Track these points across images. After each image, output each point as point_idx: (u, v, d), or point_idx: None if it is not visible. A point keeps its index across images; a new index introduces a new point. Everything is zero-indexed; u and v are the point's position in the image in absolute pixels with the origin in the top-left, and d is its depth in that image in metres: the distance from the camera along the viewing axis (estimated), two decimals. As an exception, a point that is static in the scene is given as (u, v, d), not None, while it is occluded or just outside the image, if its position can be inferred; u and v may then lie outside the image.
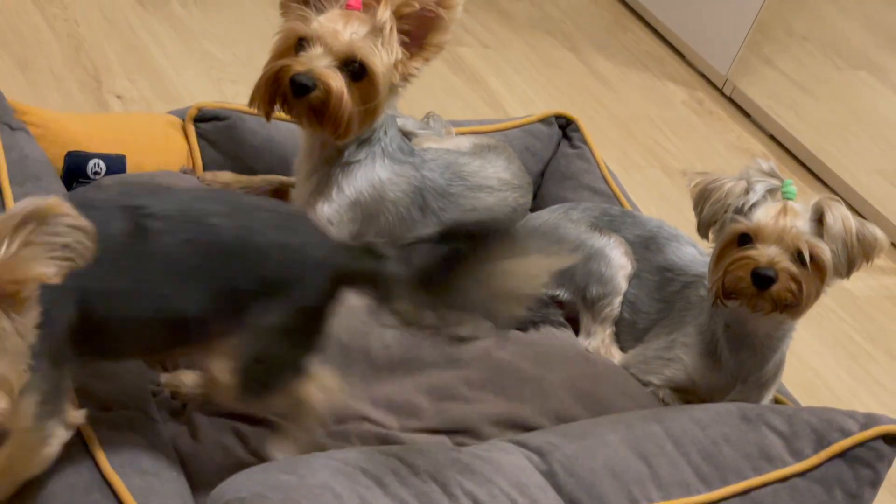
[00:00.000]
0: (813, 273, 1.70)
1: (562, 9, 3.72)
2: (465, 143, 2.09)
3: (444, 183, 1.92)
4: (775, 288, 1.69)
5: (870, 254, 1.72)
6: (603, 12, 3.79)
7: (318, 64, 1.71)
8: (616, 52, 3.59)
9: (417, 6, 1.72)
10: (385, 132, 1.85)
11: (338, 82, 1.71)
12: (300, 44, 1.74)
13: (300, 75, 1.70)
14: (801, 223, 1.70)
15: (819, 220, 1.70)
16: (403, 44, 1.76)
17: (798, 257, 1.70)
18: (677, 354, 1.84)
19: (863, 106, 3.57)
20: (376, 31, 1.73)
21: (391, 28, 1.73)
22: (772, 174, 1.75)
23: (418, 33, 1.77)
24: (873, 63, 3.56)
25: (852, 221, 1.70)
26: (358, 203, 1.85)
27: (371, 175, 1.84)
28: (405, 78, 1.79)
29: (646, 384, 1.86)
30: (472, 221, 1.78)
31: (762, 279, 1.68)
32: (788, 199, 1.72)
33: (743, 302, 1.73)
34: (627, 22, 3.78)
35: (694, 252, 1.94)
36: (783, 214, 1.70)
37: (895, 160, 3.33)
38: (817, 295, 1.72)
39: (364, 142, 1.83)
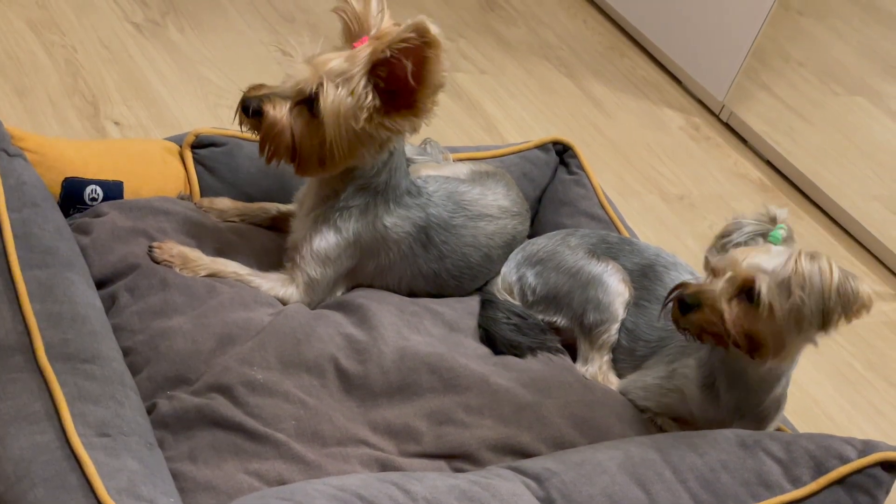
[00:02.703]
0: (766, 313, 1.66)
1: (559, 35, 3.73)
2: (462, 169, 2.09)
3: (447, 216, 1.92)
4: (695, 316, 1.69)
5: (848, 309, 1.64)
6: (600, 38, 3.80)
7: (273, 91, 1.73)
8: (613, 78, 3.60)
9: (388, 53, 1.69)
10: (388, 181, 1.84)
11: (275, 111, 1.73)
12: None
13: (248, 98, 1.75)
14: (763, 260, 1.66)
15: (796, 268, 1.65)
16: (388, 94, 1.73)
17: (747, 295, 1.66)
18: (677, 385, 1.84)
19: (860, 132, 3.58)
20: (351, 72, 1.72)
21: (361, 70, 1.71)
22: (772, 220, 1.74)
23: (404, 87, 1.72)
24: (870, 89, 3.57)
25: (836, 274, 1.63)
26: (357, 244, 1.85)
27: (373, 221, 1.85)
28: (388, 129, 1.75)
29: (643, 410, 1.85)
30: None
31: (684, 304, 1.69)
32: (771, 242, 1.71)
33: (693, 333, 1.73)
34: (624, 48, 3.79)
35: (693, 281, 1.94)
36: (747, 252, 1.68)
37: (892, 186, 3.33)
38: (776, 337, 1.68)
39: (362, 188, 1.83)
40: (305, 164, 1.78)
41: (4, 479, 1.39)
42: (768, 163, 3.43)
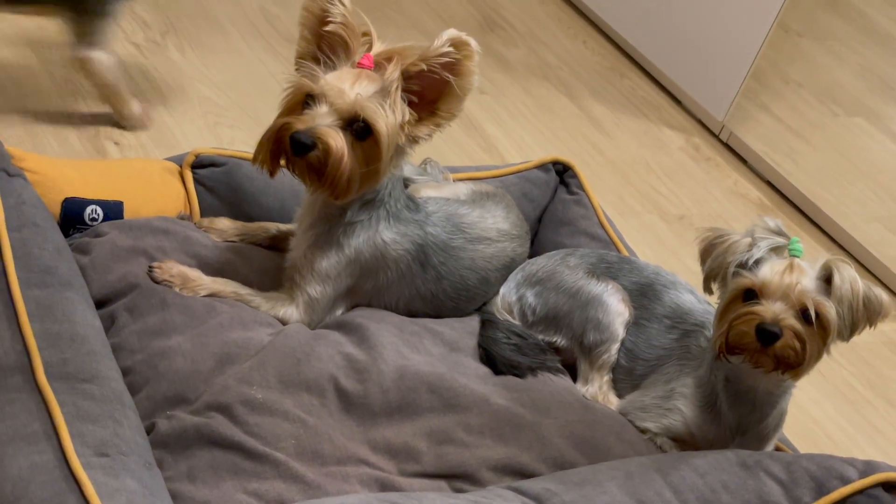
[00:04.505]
0: (817, 332, 1.68)
1: (558, 55, 3.73)
2: (462, 189, 2.09)
3: (446, 237, 1.92)
4: (779, 344, 1.66)
5: (874, 318, 1.69)
6: (599, 59, 3.80)
7: (321, 122, 1.69)
8: (613, 98, 3.61)
9: (424, 67, 1.71)
10: (390, 193, 1.84)
11: (338, 142, 1.69)
12: (307, 101, 1.73)
13: (300, 133, 1.68)
14: (806, 281, 1.67)
15: (826, 279, 1.68)
16: (412, 104, 1.74)
17: (803, 315, 1.67)
18: (676, 405, 1.83)
19: (859, 152, 3.58)
20: (384, 90, 1.71)
21: (397, 87, 1.72)
22: (778, 232, 1.74)
23: (429, 97, 1.75)
24: (869, 110, 3.57)
25: (860, 284, 1.67)
26: (357, 261, 1.85)
27: (373, 236, 1.84)
28: (413, 140, 1.77)
29: (643, 431, 1.85)
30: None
31: (766, 335, 1.66)
32: (795, 256, 1.71)
33: (746, 358, 1.71)
34: (624, 68, 3.80)
35: (692, 299, 1.94)
36: (789, 271, 1.68)
37: (892, 206, 3.33)
38: (819, 356, 1.70)
39: (368, 203, 1.83)
40: (351, 188, 1.75)
41: (3, 500, 1.38)
42: (768, 183, 3.43)
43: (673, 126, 3.58)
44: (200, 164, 2.06)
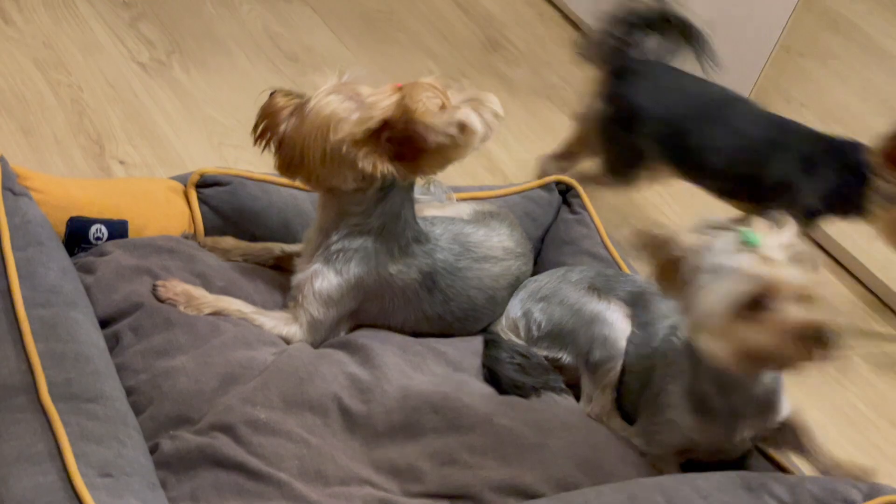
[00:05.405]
0: None
1: (561, 75, 3.74)
2: (465, 209, 2.09)
3: (453, 260, 1.92)
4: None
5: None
6: (602, 79, 3.81)
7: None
8: (615, 118, 3.61)
9: (421, 129, 1.70)
10: (386, 224, 1.84)
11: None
12: None
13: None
14: (795, 271, 1.60)
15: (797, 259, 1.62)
16: (394, 141, 1.74)
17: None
18: (667, 418, 1.82)
19: (862, 173, 3.58)
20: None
21: (378, 114, 1.72)
22: (728, 227, 1.70)
23: (417, 146, 1.73)
24: (872, 130, 3.57)
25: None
26: (360, 286, 1.86)
27: (376, 267, 1.85)
28: (375, 168, 1.75)
29: (644, 454, 1.84)
30: None
31: (821, 339, 1.57)
32: (754, 245, 1.62)
33: (778, 364, 1.66)
34: (627, 89, 3.80)
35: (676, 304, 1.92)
36: (778, 265, 1.60)
37: (894, 226, 3.33)
38: None
39: (357, 228, 1.84)
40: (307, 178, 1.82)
41: (7, 520, 1.39)
42: (771, 203, 3.43)
43: (676, 146, 3.58)
44: (205, 184, 2.06)
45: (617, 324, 1.94)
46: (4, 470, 1.43)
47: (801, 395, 1.80)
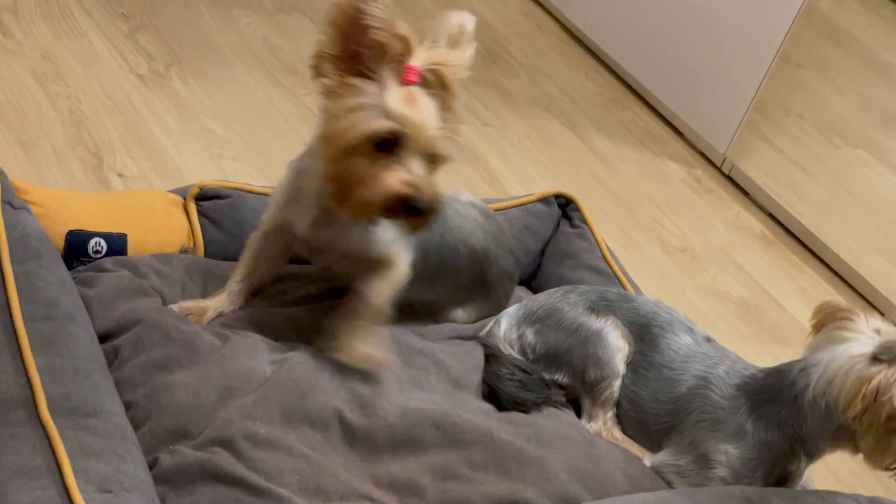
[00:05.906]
0: None
1: (561, 87, 3.74)
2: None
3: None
4: None
5: None
6: (602, 91, 3.82)
7: (421, 178, 1.60)
8: (615, 130, 3.62)
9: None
10: None
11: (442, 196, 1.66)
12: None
13: (418, 201, 1.59)
14: None
15: None
16: None
17: None
18: (718, 474, 1.80)
19: (861, 185, 3.59)
20: (443, 114, 1.62)
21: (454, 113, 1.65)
22: None
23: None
24: (871, 142, 3.58)
25: None
26: None
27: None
28: None
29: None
30: None
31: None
32: None
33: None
34: (626, 101, 3.81)
35: (689, 342, 1.91)
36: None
37: (894, 238, 3.34)
38: None
39: None
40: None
41: (5, 535, 1.38)
42: (770, 215, 3.43)
43: (675, 158, 3.59)
44: (204, 197, 2.06)
45: (612, 343, 1.93)
46: (3, 485, 1.43)
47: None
